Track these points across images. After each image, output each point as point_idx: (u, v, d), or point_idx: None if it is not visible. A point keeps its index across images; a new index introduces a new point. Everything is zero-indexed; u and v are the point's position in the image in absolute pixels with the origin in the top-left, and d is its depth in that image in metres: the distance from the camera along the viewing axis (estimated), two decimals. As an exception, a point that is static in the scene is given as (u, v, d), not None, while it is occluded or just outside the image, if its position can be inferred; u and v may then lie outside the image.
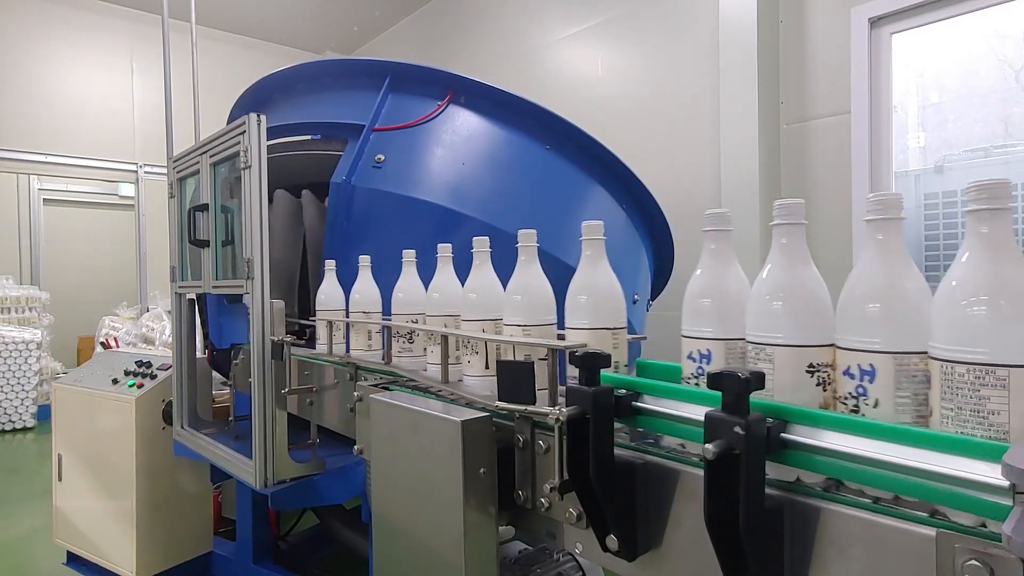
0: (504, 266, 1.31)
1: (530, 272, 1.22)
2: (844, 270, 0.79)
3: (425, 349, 1.49)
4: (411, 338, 1.54)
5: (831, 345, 0.80)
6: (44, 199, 7.58)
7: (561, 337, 1.17)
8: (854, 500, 0.70)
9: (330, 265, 1.91)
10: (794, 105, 3.71)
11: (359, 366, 1.65)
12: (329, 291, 1.87)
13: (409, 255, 1.59)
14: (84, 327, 7.28)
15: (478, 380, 1.29)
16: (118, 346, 5.75)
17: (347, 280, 1.87)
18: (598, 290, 1.09)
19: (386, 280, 1.95)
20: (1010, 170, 3.05)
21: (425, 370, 1.45)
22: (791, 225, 0.83)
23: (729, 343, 0.90)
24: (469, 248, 1.37)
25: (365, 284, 1.78)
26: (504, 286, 1.27)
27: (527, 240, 1.22)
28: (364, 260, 1.79)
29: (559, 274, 1.25)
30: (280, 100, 2.61)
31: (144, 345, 5.92)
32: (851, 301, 0.77)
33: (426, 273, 1.52)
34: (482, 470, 1.06)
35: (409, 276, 1.58)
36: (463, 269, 1.38)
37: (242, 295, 1.99)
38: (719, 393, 0.72)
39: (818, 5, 3.59)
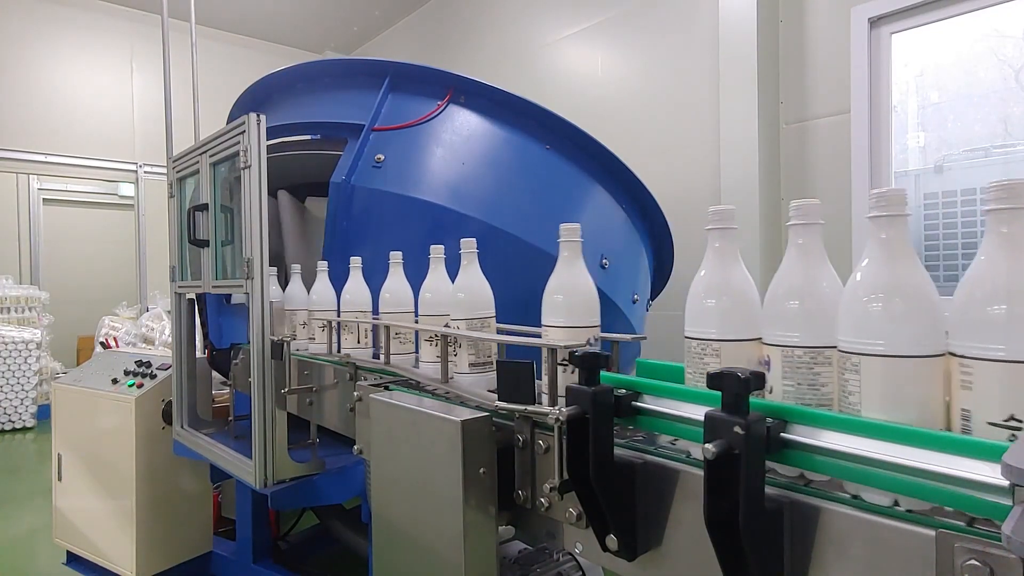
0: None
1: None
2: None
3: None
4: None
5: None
6: (44, 199, 7.58)
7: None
8: (854, 500, 0.70)
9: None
10: (794, 105, 3.70)
11: (359, 366, 1.65)
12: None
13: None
14: (84, 327, 7.28)
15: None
16: (118, 346, 5.75)
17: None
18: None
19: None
20: (1010, 170, 3.05)
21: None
22: (891, 217, 0.72)
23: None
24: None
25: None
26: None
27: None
28: (355, 261, 1.84)
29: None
30: (280, 100, 2.61)
31: (144, 345, 5.92)
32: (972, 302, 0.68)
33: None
34: (482, 470, 1.06)
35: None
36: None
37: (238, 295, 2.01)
38: (719, 393, 0.72)
39: (818, 5, 3.59)
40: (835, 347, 0.77)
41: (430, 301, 1.48)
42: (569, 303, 1.09)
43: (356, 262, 1.83)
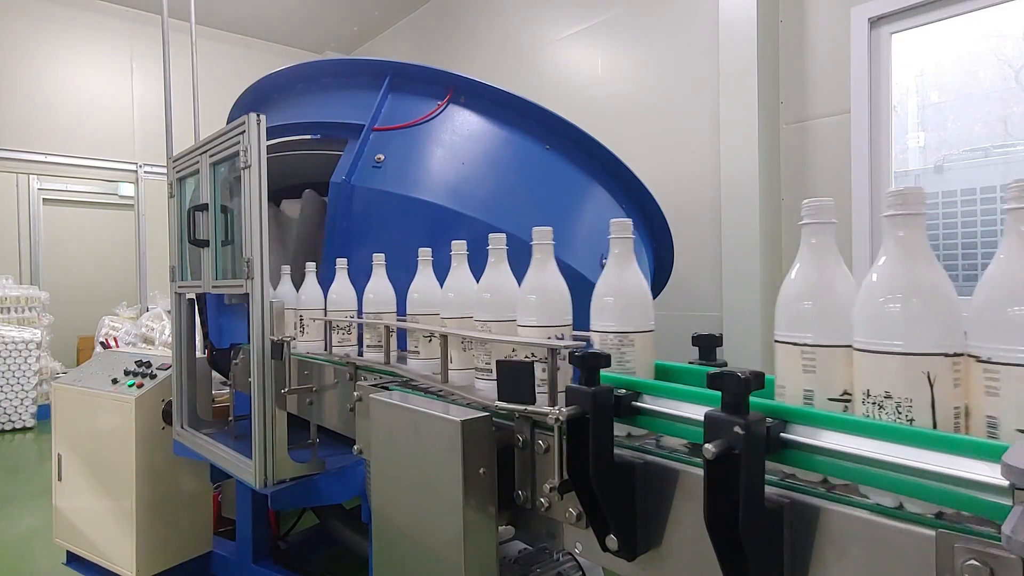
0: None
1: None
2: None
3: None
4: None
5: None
6: (44, 199, 7.59)
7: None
8: (854, 500, 0.70)
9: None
10: (794, 105, 3.70)
11: (359, 366, 1.65)
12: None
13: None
14: (84, 327, 7.28)
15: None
16: (118, 346, 5.75)
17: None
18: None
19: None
20: (1010, 170, 3.05)
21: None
22: None
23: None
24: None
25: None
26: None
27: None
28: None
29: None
30: (280, 100, 2.61)
31: (144, 345, 5.92)
32: None
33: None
34: (482, 470, 1.06)
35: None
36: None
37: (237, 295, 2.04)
38: (719, 393, 0.72)
39: (818, 5, 3.59)
40: None
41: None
42: (820, 309, 0.79)
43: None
